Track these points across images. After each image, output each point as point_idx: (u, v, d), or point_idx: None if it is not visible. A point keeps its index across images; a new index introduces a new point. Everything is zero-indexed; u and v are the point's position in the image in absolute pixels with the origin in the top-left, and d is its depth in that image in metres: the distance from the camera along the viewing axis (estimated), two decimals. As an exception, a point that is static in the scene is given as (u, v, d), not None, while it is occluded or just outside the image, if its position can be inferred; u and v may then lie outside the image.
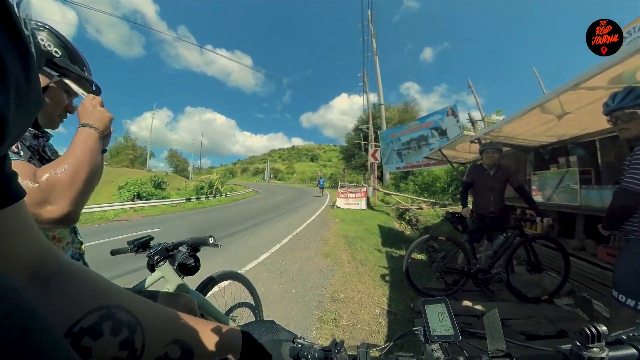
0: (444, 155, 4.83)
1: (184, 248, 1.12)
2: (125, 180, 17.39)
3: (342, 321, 2.16)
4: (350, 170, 29.20)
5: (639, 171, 1.15)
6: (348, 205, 10.55)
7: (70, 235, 0.81)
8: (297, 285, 2.99)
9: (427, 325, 0.39)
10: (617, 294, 1.25)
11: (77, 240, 0.84)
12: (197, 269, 1.11)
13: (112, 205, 10.69)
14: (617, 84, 1.62)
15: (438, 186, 11.53)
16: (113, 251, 1.13)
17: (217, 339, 0.36)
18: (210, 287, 1.35)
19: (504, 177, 2.55)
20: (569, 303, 2.27)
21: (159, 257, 1.06)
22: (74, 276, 0.30)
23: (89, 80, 0.81)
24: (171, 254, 1.09)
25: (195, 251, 1.13)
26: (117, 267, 3.53)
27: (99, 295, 0.29)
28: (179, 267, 1.07)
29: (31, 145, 0.72)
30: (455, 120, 8.95)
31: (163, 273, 1.07)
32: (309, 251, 4.42)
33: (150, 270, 1.09)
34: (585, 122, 2.51)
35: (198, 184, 20.89)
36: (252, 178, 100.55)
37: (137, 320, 0.29)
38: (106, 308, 0.28)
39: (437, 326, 0.39)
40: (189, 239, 1.14)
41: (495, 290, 2.50)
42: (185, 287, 1.10)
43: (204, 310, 1.13)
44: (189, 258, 1.09)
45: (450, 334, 0.37)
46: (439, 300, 0.41)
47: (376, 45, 19.44)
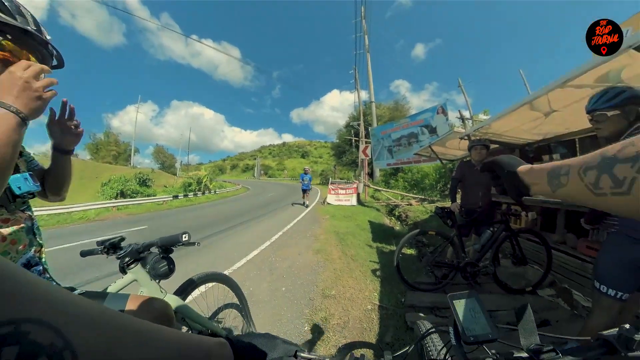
0: (433, 151, 4.89)
1: (155, 250, 1.04)
2: (108, 177, 16.71)
3: (333, 320, 2.14)
4: (341, 166, 29.29)
5: None
6: (339, 202, 10.58)
7: (27, 237, 0.72)
8: (287, 282, 2.95)
9: (459, 323, 0.35)
10: (599, 285, 1.29)
11: (37, 243, 0.76)
12: (170, 272, 1.03)
13: (93, 205, 10.24)
14: (603, 83, 1.66)
15: (427, 183, 11.75)
16: (83, 252, 1.04)
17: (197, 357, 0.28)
18: (190, 291, 1.28)
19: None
20: (551, 294, 2.36)
21: (129, 259, 0.99)
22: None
23: (32, 33, 0.62)
24: (142, 256, 1.02)
25: (167, 252, 1.05)
26: (96, 270, 3.36)
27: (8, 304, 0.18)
28: (150, 270, 1.00)
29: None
30: (445, 119, 9.11)
31: (135, 276, 1.00)
32: (300, 247, 4.39)
33: (122, 272, 1.01)
34: (569, 121, 2.59)
35: (186, 180, 20.37)
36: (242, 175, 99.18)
37: (66, 343, 0.19)
38: (14, 324, 0.18)
39: (472, 324, 0.34)
40: (158, 240, 1.05)
41: (483, 283, 2.56)
42: (161, 291, 1.04)
43: (184, 314, 1.07)
44: (160, 261, 1.01)
45: (488, 332, 0.33)
46: (469, 295, 0.37)
47: (368, 42, 19.43)
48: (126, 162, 40.02)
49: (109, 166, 30.45)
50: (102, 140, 43.72)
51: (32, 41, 0.64)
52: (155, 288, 1.01)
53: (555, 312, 2.11)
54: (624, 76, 1.60)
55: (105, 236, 1.06)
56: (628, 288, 1.22)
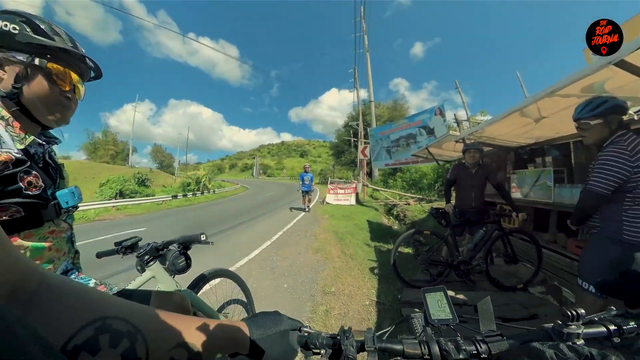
0: (430, 153, 5.00)
1: (174, 247, 1.12)
2: (106, 177, 16.66)
3: (333, 312, 2.25)
4: (339, 166, 29.39)
5: (600, 175, 1.28)
6: (337, 201, 10.66)
7: (67, 245, 0.77)
8: (288, 280, 3.05)
9: (427, 310, 0.43)
10: (582, 282, 1.39)
11: (73, 250, 0.81)
12: (188, 267, 1.10)
13: (92, 204, 10.26)
14: (588, 93, 1.76)
15: (425, 182, 11.87)
16: (99, 254, 1.10)
17: (223, 336, 0.35)
18: (202, 285, 1.36)
19: (485, 175, 2.71)
20: (542, 291, 2.47)
21: (149, 257, 1.06)
22: (62, 291, 0.28)
23: (69, 51, 0.68)
24: (161, 254, 1.09)
25: (185, 249, 1.13)
26: (101, 269, 3.44)
27: (92, 308, 0.28)
28: (169, 266, 1.06)
29: (35, 152, 0.68)
30: (442, 120, 9.23)
31: (154, 273, 1.07)
32: (300, 247, 4.48)
33: (140, 271, 1.08)
34: (559, 126, 2.70)
35: (184, 180, 20.35)
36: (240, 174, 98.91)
37: (137, 329, 0.28)
38: (101, 320, 0.27)
39: (437, 311, 0.43)
40: (180, 238, 1.13)
41: (476, 281, 2.66)
42: (177, 285, 1.10)
43: (197, 307, 1.14)
44: (179, 257, 1.08)
45: (449, 318, 0.41)
46: (438, 289, 0.45)
47: (368, 42, 19.50)
48: (124, 161, 39.82)
49: (107, 166, 30.31)
50: (100, 139, 43.46)
51: (70, 58, 0.69)
52: (173, 283, 1.09)
53: (545, 307, 2.22)
54: (607, 87, 1.71)
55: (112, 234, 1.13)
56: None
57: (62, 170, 0.80)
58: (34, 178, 0.63)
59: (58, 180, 0.75)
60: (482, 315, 0.41)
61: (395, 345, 0.37)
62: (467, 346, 0.36)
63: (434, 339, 0.37)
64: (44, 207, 0.66)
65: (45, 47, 0.63)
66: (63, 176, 0.79)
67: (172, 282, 1.09)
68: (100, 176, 18.66)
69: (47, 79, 0.64)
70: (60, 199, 0.71)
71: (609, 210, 1.31)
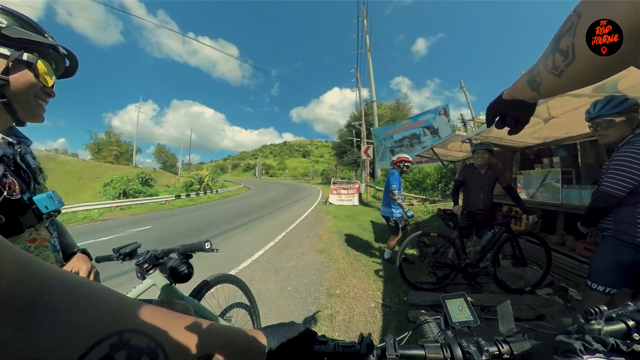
0: (435, 153, 4.97)
1: (175, 255, 1.09)
2: (110, 177, 16.82)
3: (338, 316, 2.23)
4: (342, 166, 29.34)
5: (615, 175, 1.25)
6: (340, 202, 10.65)
7: (53, 254, 0.74)
8: (293, 282, 3.03)
9: (448, 314, 0.44)
10: (590, 282, 1.38)
11: (60, 258, 0.78)
12: (190, 275, 1.07)
13: (96, 204, 10.35)
14: (600, 93, 1.73)
15: (428, 183, 11.80)
16: (98, 258, 1.09)
17: (243, 345, 0.35)
18: (205, 292, 1.33)
19: (494, 176, 2.67)
20: (549, 292, 2.43)
21: (149, 265, 1.05)
22: (69, 297, 0.24)
23: (54, 47, 0.67)
24: (161, 262, 1.06)
25: (187, 257, 1.09)
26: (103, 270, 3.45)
27: (106, 319, 0.24)
28: (170, 273, 1.03)
29: (5, 154, 0.64)
30: (447, 120, 9.17)
31: (154, 281, 1.05)
32: (304, 247, 4.47)
33: (140, 278, 1.07)
34: (568, 126, 2.65)
35: (188, 180, 20.50)
36: (243, 174, 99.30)
37: (157, 343, 0.25)
38: (117, 335, 0.23)
39: (457, 314, 0.44)
40: (180, 247, 1.09)
41: (483, 283, 2.63)
42: (179, 293, 1.08)
43: (201, 315, 1.12)
44: (181, 265, 1.05)
45: (470, 320, 0.42)
46: (458, 295, 0.46)
47: (369, 41, 19.44)
48: (128, 161, 40.17)
49: (111, 166, 30.59)
50: (103, 140, 43.87)
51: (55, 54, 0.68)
52: (174, 291, 1.07)
53: (552, 308, 2.20)
54: (620, 87, 1.67)
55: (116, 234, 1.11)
56: (616, 285, 1.31)
57: (38, 174, 0.75)
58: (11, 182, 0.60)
59: (32, 184, 0.70)
60: (501, 317, 0.42)
61: (417, 351, 0.37)
62: (489, 347, 0.36)
63: (456, 342, 0.38)
64: (22, 213, 0.63)
65: (33, 43, 0.62)
66: (39, 181, 0.74)
67: (174, 290, 1.07)
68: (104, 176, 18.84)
69: (33, 73, 0.63)
70: (39, 204, 0.67)
71: (622, 213, 1.29)
